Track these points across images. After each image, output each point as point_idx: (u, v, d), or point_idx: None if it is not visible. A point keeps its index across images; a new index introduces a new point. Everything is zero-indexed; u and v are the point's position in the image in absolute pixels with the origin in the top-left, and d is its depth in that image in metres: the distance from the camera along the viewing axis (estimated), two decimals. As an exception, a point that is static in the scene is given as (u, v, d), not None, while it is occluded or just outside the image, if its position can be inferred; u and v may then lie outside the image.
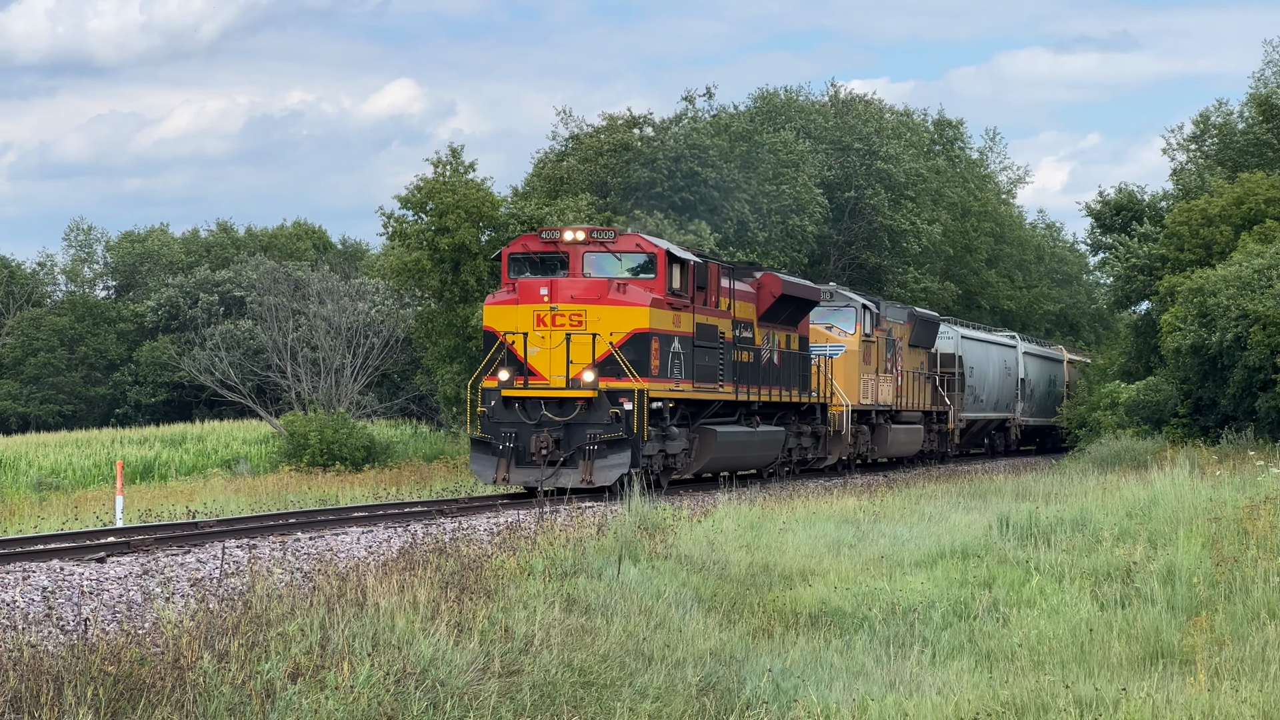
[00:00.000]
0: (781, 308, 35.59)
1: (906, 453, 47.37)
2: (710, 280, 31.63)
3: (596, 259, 29.31)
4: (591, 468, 27.90)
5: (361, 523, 22.86)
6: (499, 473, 28.19)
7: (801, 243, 68.89)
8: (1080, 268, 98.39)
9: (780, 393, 35.62)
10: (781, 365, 36.06)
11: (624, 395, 28.25)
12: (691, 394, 30.49)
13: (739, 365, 33.09)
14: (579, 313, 28.66)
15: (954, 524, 23.18)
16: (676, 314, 29.89)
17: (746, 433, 33.59)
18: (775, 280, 35.22)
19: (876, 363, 43.36)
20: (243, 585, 14.01)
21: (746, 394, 33.31)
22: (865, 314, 42.45)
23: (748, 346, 33.85)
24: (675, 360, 29.72)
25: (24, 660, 10.09)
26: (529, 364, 28.55)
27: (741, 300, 33.66)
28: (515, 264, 29.75)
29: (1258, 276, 41.45)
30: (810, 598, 17.04)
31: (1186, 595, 16.73)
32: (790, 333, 36.91)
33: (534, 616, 13.00)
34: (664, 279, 29.32)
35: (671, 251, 29.71)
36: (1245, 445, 37.15)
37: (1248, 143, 59.69)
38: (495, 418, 28.50)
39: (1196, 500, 23.59)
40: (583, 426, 28.15)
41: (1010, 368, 60.29)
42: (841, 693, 12.64)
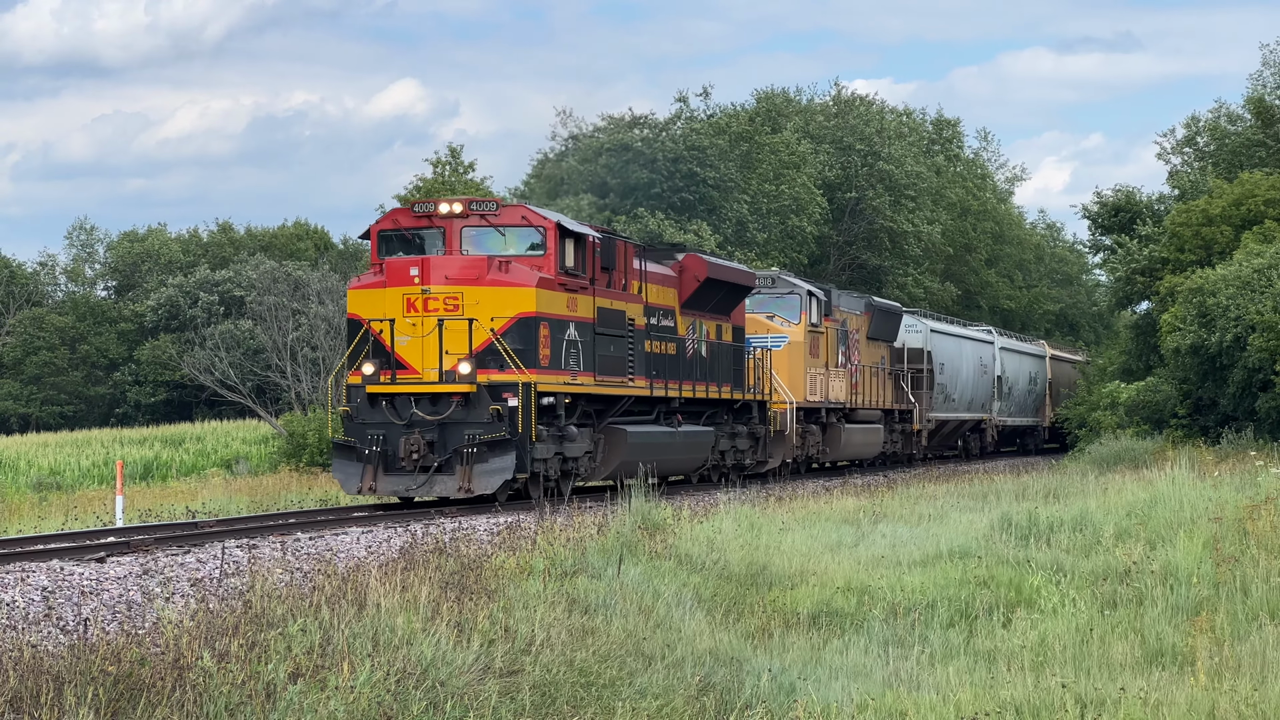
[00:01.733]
0: (708, 293, 32.32)
1: (864, 455, 43.96)
2: (617, 260, 28.12)
3: (477, 235, 26.00)
4: (470, 473, 24.59)
5: (361, 523, 22.87)
6: (364, 481, 24.81)
7: (801, 243, 68.93)
8: (1080, 268, 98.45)
9: (709, 388, 32.31)
10: (711, 358, 32.82)
11: (507, 390, 24.79)
12: (593, 388, 27.05)
13: (655, 357, 29.80)
14: (455, 296, 25.09)
15: (953, 524, 23.19)
16: (572, 296, 26.38)
17: (665, 433, 30.19)
18: (699, 262, 31.93)
19: (826, 356, 39.85)
20: (243, 585, 14.02)
21: (665, 389, 30.02)
22: (811, 302, 38.82)
23: (667, 336, 30.57)
24: (571, 350, 26.29)
25: (24, 660, 10.09)
26: (398, 355, 25.14)
27: (658, 284, 30.43)
28: (385, 242, 26.44)
29: (1257, 276, 41.45)
30: (810, 598, 17.05)
31: (1186, 595, 16.74)
32: (721, 322, 33.60)
33: (534, 616, 13.01)
34: (555, 256, 25.86)
35: (564, 225, 26.17)
36: (1245, 445, 37.15)
37: (1241, 144, 59.73)
38: (360, 418, 25.09)
39: (1196, 500, 23.59)
40: (460, 426, 24.75)
41: (986, 364, 56.50)
42: (841, 692, 12.65)
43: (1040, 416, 65.02)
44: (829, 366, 39.81)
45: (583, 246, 26.72)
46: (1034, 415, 64.25)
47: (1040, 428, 65.25)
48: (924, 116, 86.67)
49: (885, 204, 73.89)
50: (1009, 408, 59.89)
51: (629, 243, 29.36)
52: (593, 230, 27.66)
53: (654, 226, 57.23)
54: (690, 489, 31.91)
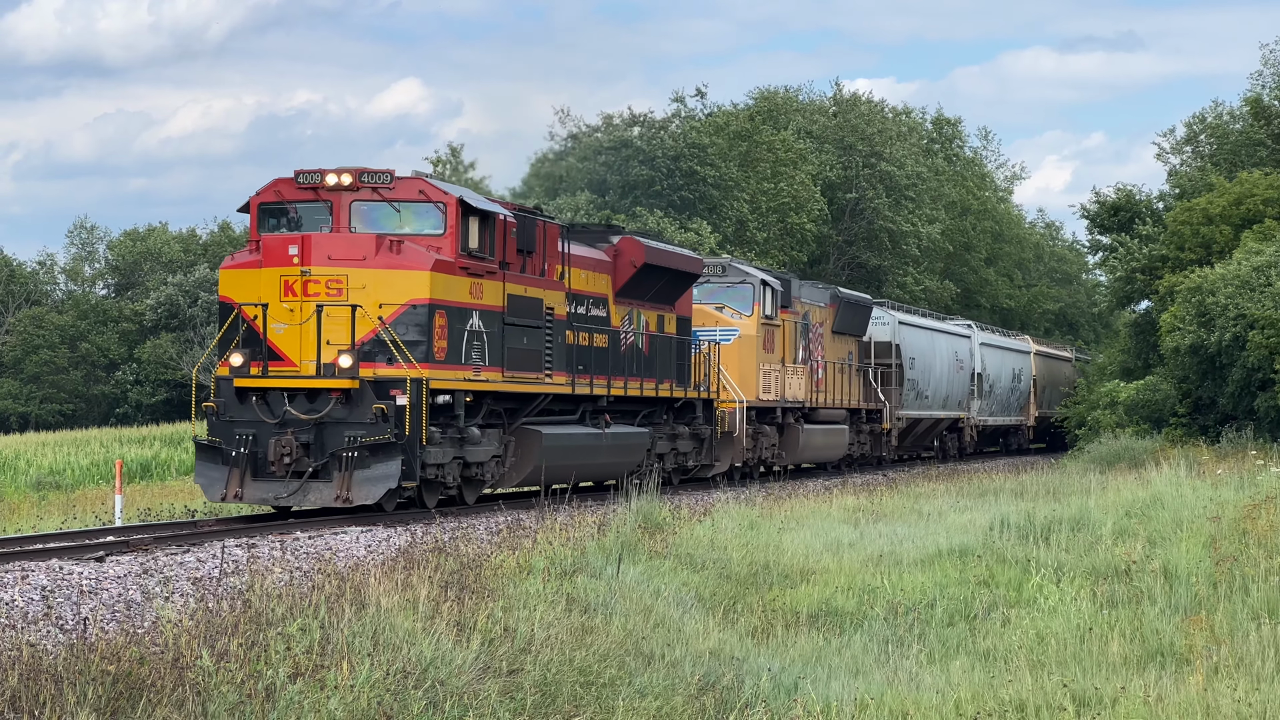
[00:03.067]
0: (647, 281, 29.53)
1: (826, 458, 41.23)
2: (537, 242, 25.41)
3: (368, 210, 23.33)
4: (349, 481, 21.96)
5: (361, 522, 22.86)
6: (229, 487, 22.21)
7: (801, 242, 68.95)
8: (1080, 267, 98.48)
9: (645, 385, 29.52)
10: (651, 352, 30.04)
11: (395, 386, 22.26)
12: (501, 385, 24.35)
13: (580, 350, 27.05)
14: (338, 278, 22.47)
15: (952, 523, 23.20)
16: (476, 282, 23.69)
17: (589, 435, 27.35)
18: (636, 246, 29.03)
19: (783, 351, 37.06)
20: (242, 584, 14.02)
21: (590, 386, 27.21)
22: (765, 292, 35.86)
23: (597, 327, 27.83)
24: (475, 342, 23.66)
25: (24, 660, 10.09)
26: (273, 345, 22.49)
27: (587, 270, 27.69)
28: (267, 217, 23.71)
29: (1256, 275, 41.47)
30: (810, 597, 17.05)
31: (1186, 595, 16.74)
32: (664, 313, 30.86)
33: (534, 615, 13.01)
34: (456, 236, 23.18)
35: (467, 201, 23.44)
36: (1244, 445, 37.17)
37: (1241, 143, 59.77)
38: (227, 415, 22.52)
39: (1196, 500, 23.60)
40: (339, 427, 22.14)
41: (963, 360, 53.46)
42: (841, 691, 12.65)
43: (1024, 415, 62.61)
44: (786, 362, 37.18)
45: (490, 226, 23.98)
46: (1017, 414, 61.71)
47: (1024, 427, 62.88)
48: (924, 116, 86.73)
49: (885, 204, 73.92)
50: (990, 406, 57.27)
51: (550, 223, 26.44)
52: (504, 208, 24.90)
53: (653, 224, 57.20)
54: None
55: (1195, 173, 60.10)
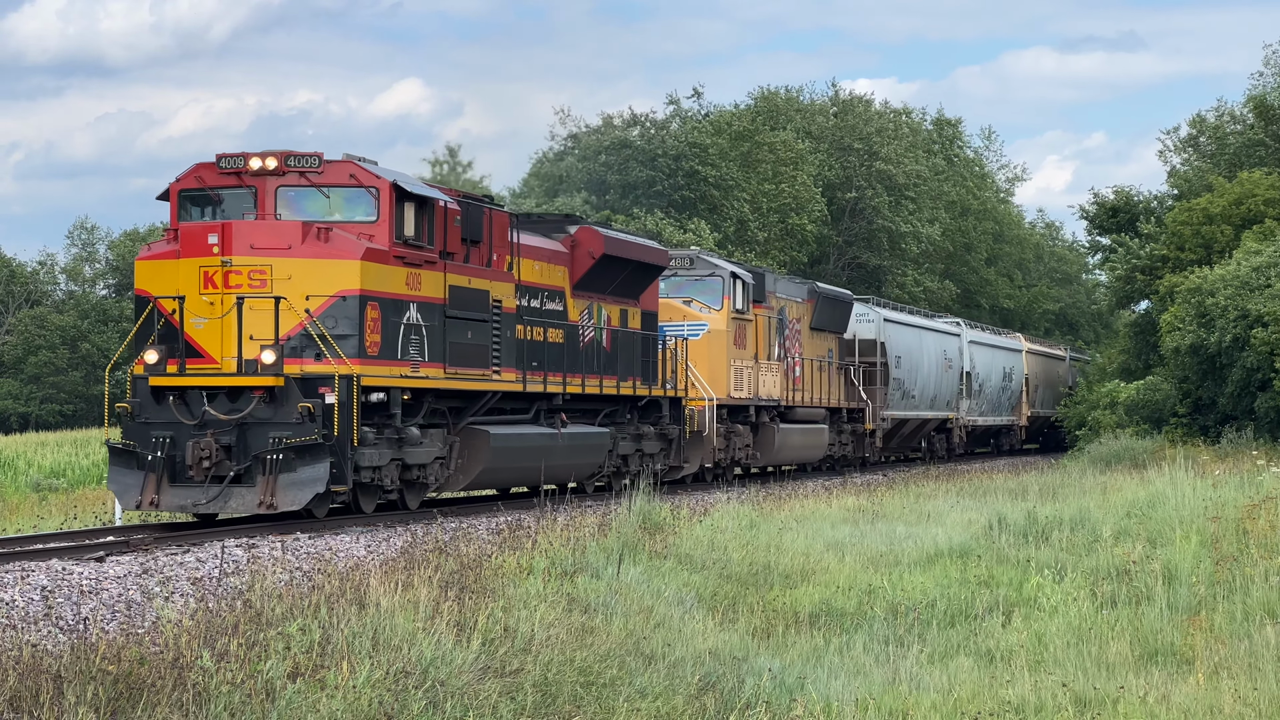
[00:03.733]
0: (608, 273, 28.09)
1: (805, 458, 39.68)
2: (484, 231, 24.09)
3: (295, 196, 21.90)
4: (274, 485, 20.52)
5: (361, 522, 22.85)
6: (144, 494, 20.70)
7: (801, 242, 68.97)
8: (1080, 267, 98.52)
9: (605, 383, 28.10)
10: (613, 348, 28.66)
11: (324, 383, 20.81)
12: (443, 382, 23.01)
13: (533, 345, 25.65)
14: (261, 269, 21.03)
15: (952, 523, 23.20)
16: (414, 272, 22.33)
17: (543, 435, 25.87)
18: (594, 236, 27.64)
19: (756, 347, 35.69)
20: (242, 584, 14.02)
21: (543, 384, 25.86)
22: (736, 285, 34.50)
23: (551, 321, 26.42)
24: (413, 336, 22.32)
25: (24, 660, 10.09)
26: (191, 340, 21.07)
27: (540, 261, 26.30)
28: (188, 204, 22.30)
29: (1256, 275, 41.50)
30: (810, 597, 17.06)
31: (1186, 595, 16.75)
32: (627, 306, 29.41)
33: (534, 615, 13.01)
34: (390, 223, 21.83)
35: (403, 186, 22.04)
36: (1245, 445, 37.18)
37: (1243, 143, 59.80)
38: (143, 417, 21.08)
39: (1196, 500, 23.60)
40: (263, 427, 20.69)
41: (951, 359, 52.11)
42: (842, 691, 12.65)
43: (1016, 415, 61.47)
44: (760, 359, 35.79)
45: (429, 213, 22.60)
46: (1009, 414, 60.38)
47: (1016, 427, 61.66)
48: (924, 116, 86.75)
49: (884, 204, 73.94)
50: (979, 406, 55.90)
51: (498, 211, 24.99)
52: (446, 194, 23.39)
53: (651, 225, 57.20)
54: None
55: (1195, 174, 60.11)
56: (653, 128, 65.69)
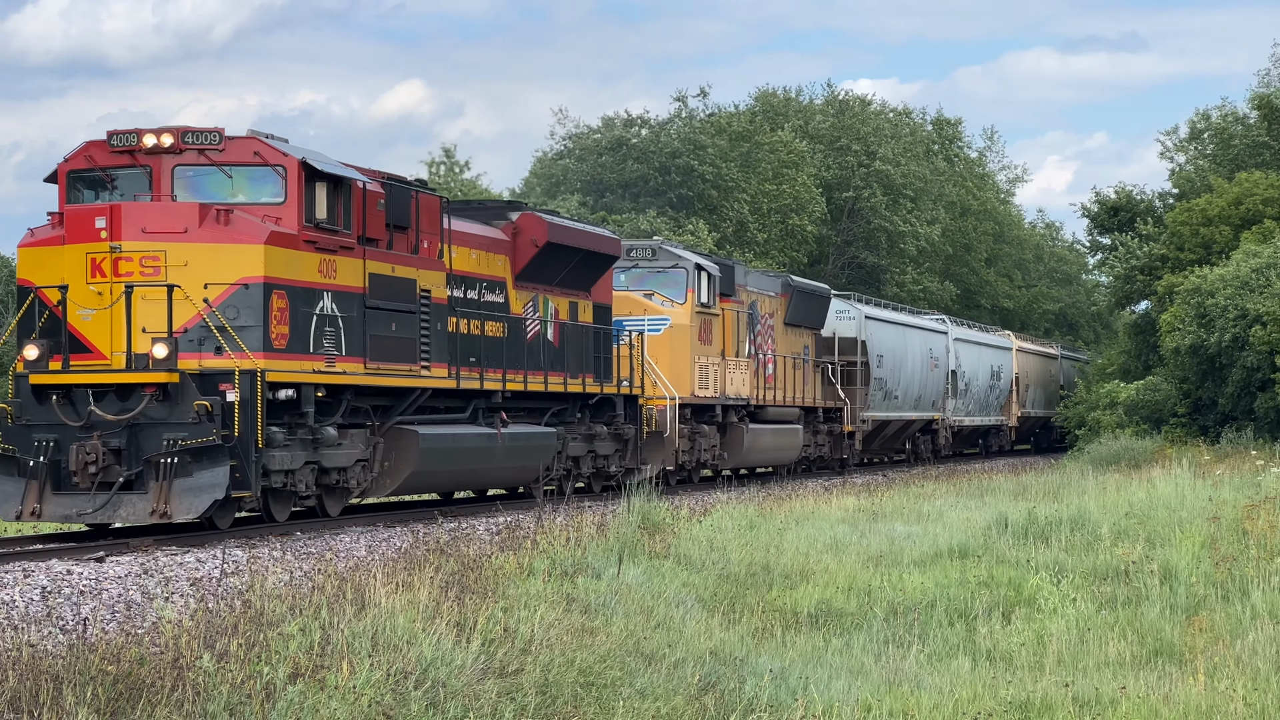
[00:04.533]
0: (555, 262, 26.58)
1: (778, 460, 37.86)
2: (411, 216, 22.55)
3: (194, 176, 20.18)
4: (168, 493, 18.66)
5: (361, 522, 22.85)
6: (26, 503, 18.91)
7: (801, 243, 68.97)
8: (1080, 267, 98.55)
9: (552, 380, 26.56)
10: (561, 343, 27.12)
11: (224, 379, 19.07)
12: (362, 378, 21.34)
13: (468, 339, 24.17)
14: (154, 255, 19.24)
15: (952, 523, 23.19)
16: (328, 259, 20.67)
17: (480, 436, 24.34)
18: (537, 223, 26.07)
19: (724, 343, 34.06)
20: (242, 585, 14.01)
21: (480, 380, 24.34)
22: (701, 278, 32.74)
23: (491, 313, 25.00)
24: (327, 328, 20.66)
25: (23, 660, 10.09)
26: (77, 333, 19.35)
27: (478, 249, 24.87)
28: (78, 186, 20.62)
29: (1256, 276, 41.52)
30: (810, 597, 17.05)
31: (1185, 595, 16.75)
32: (578, 299, 27.95)
33: (534, 616, 13.01)
34: (300, 206, 20.10)
35: (312, 164, 20.32)
36: (1244, 445, 37.20)
37: (1246, 144, 59.80)
38: (24, 418, 19.26)
39: (1195, 500, 23.60)
40: (156, 428, 18.86)
41: (937, 357, 50.22)
42: (842, 692, 12.65)
43: (1005, 415, 59.62)
44: (727, 355, 34.08)
45: (346, 195, 20.99)
46: (997, 414, 58.48)
47: (1005, 427, 59.85)
48: (924, 117, 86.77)
49: (882, 204, 73.94)
50: (966, 406, 53.97)
51: (428, 194, 23.37)
52: (368, 175, 21.82)
53: (645, 225, 57.17)
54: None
55: (1197, 174, 60.11)
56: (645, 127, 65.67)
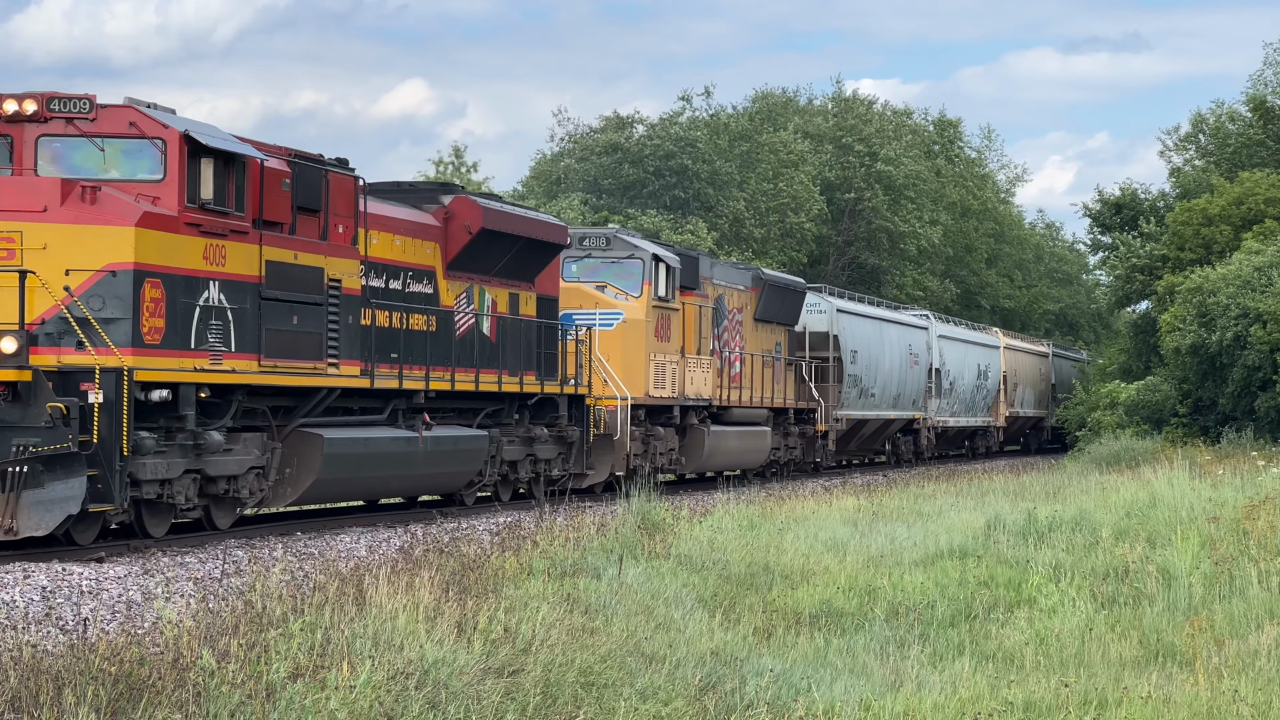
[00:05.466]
0: (492, 251, 24.66)
1: (744, 464, 35.79)
2: (321, 198, 20.55)
3: (61, 148, 18.21)
4: (14, 505, 16.70)
5: (361, 522, 22.87)
6: None
7: (801, 242, 68.98)
8: (1080, 267, 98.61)
9: (484, 378, 24.60)
10: (500, 338, 25.21)
11: (85, 378, 17.13)
12: (256, 376, 19.32)
13: (385, 334, 22.24)
14: (9, 236, 17.33)
15: (952, 523, 23.19)
16: (215, 244, 18.58)
17: (397, 439, 22.42)
18: (471, 208, 24.16)
19: (684, 339, 32.19)
20: (243, 585, 14.02)
21: (399, 379, 22.40)
22: (658, 269, 30.68)
23: (416, 306, 23.16)
24: (214, 321, 18.56)
25: (24, 660, 10.09)
26: None
27: (402, 235, 23.07)
28: None
29: (1257, 275, 41.54)
30: (810, 597, 17.05)
31: (1186, 595, 16.75)
32: (519, 290, 25.97)
33: (535, 616, 13.01)
34: (181, 183, 18.06)
35: (196, 138, 18.24)
36: (1245, 445, 37.20)
37: (1243, 143, 59.87)
38: None
39: (1196, 500, 23.60)
40: (4, 433, 16.89)
41: (918, 354, 48.26)
42: (843, 692, 12.65)
43: (993, 416, 57.97)
44: (687, 353, 32.22)
45: (237, 172, 18.94)
46: (984, 414, 56.71)
47: (993, 428, 58.29)
48: (926, 118, 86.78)
49: (883, 204, 73.97)
50: (951, 405, 52.14)
51: (341, 174, 21.22)
52: (265, 151, 19.87)
53: (648, 225, 57.19)
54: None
55: (1198, 173, 60.16)
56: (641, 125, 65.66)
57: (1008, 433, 60.96)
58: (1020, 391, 62.05)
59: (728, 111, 71.77)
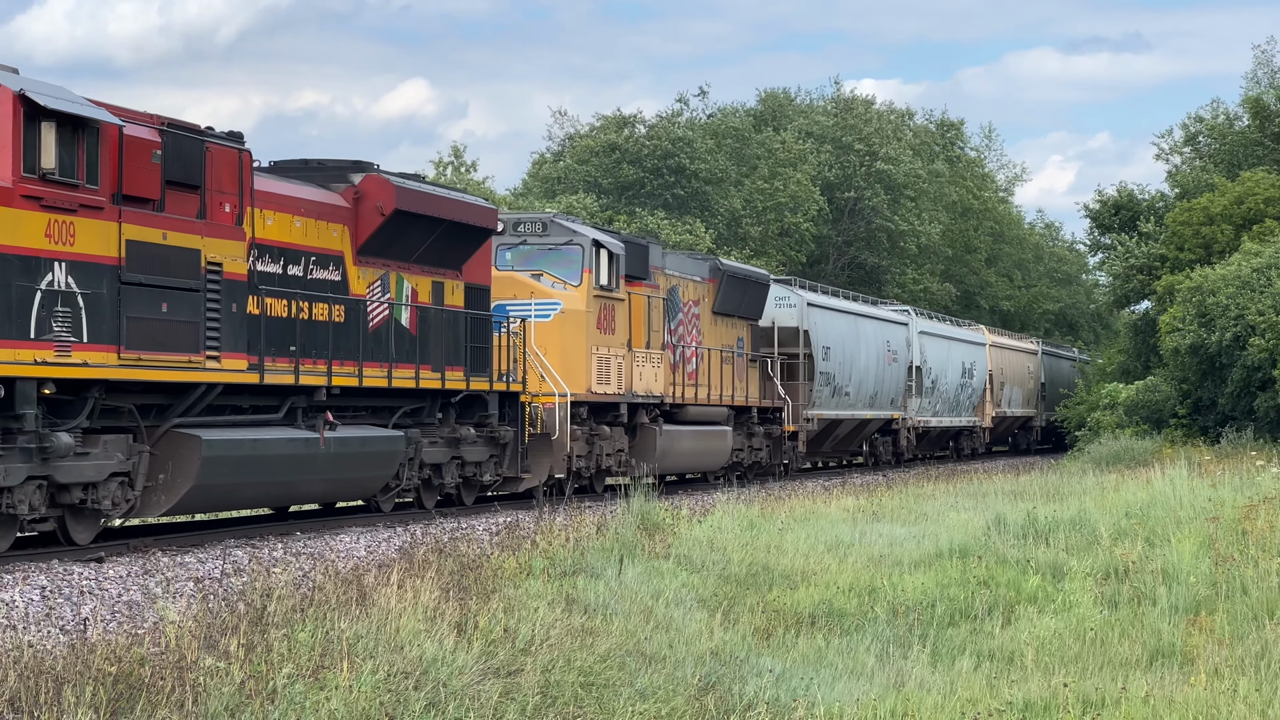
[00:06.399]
0: (408, 235, 22.68)
1: (701, 465, 33.56)
2: (200, 172, 18.50)
3: None
4: None
5: (361, 523, 22.87)
6: None
7: (799, 241, 69.00)
8: (1080, 267, 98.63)
9: (401, 373, 22.60)
10: (422, 330, 23.16)
11: None
12: (115, 371, 17.21)
13: (278, 324, 20.00)
14: None
15: (952, 523, 23.19)
16: (60, 220, 16.45)
17: (293, 441, 20.10)
18: (383, 187, 22.07)
19: (631, 332, 29.99)
20: (243, 585, 14.02)
21: (294, 373, 20.11)
22: (600, 257, 28.59)
23: (321, 294, 20.97)
24: (59, 307, 16.47)
25: (23, 660, 10.09)
26: None
27: (302, 216, 20.86)
28: None
29: (1257, 275, 41.52)
30: (810, 598, 17.05)
31: (1186, 595, 16.75)
32: (443, 279, 23.92)
33: (535, 616, 13.01)
34: (16, 150, 15.97)
35: (34, 99, 16.07)
36: (1245, 445, 37.19)
37: (1240, 143, 59.89)
38: None
39: (1195, 500, 23.61)
40: None
41: (896, 351, 46.07)
42: (843, 693, 12.65)
43: (979, 416, 55.87)
44: (635, 346, 30.05)
45: (90, 140, 16.81)
46: (969, 414, 54.52)
47: (979, 428, 56.14)
48: (928, 118, 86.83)
49: (884, 203, 74.00)
50: (933, 405, 50.15)
51: (221, 145, 19.05)
52: (124, 116, 17.54)
53: (651, 225, 57.19)
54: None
55: (1197, 173, 60.15)
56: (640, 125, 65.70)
57: (995, 433, 59.22)
58: (1008, 391, 60.38)
59: (725, 111, 71.82)
